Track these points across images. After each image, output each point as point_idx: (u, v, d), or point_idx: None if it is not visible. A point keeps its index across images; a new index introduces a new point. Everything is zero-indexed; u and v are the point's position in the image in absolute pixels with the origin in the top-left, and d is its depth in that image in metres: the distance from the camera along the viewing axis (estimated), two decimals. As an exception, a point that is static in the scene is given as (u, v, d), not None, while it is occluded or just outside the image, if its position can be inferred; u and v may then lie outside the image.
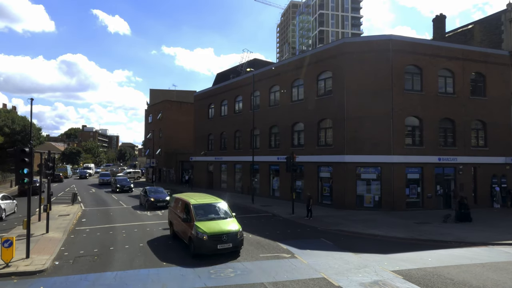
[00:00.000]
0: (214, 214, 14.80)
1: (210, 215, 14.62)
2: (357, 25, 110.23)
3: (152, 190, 28.43)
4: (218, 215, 14.73)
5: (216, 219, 14.41)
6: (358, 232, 17.92)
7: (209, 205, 15.17)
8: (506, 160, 27.78)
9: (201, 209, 14.67)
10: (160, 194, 27.50)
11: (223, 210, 15.20)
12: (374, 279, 11.17)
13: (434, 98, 25.80)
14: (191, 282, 11.16)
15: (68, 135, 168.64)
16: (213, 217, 14.49)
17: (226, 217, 14.67)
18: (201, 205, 14.95)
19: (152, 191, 27.99)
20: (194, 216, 14.16)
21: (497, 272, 11.95)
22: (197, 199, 15.56)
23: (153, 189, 28.86)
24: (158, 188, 29.42)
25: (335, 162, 25.81)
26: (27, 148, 13.40)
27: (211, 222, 14.02)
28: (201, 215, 14.35)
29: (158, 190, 28.58)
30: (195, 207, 14.65)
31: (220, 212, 14.99)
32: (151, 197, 26.74)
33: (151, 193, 27.59)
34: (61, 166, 75.88)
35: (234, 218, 14.84)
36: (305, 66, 28.94)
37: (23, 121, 56.57)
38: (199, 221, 13.89)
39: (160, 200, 26.47)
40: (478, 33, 31.86)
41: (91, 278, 11.51)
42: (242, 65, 50.98)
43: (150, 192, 27.81)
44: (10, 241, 12.36)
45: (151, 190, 28.19)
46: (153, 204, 26.18)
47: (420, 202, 25.19)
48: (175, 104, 58.95)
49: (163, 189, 29.91)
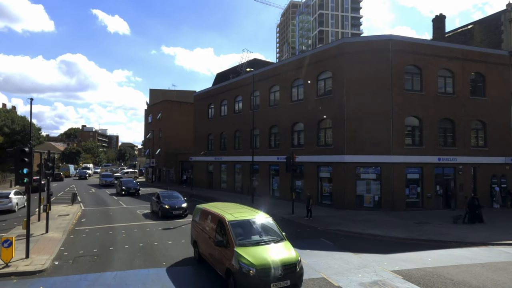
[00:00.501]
0: (260, 234, 11.01)
1: (255, 236, 10.88)
2: (357, 25, 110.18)
3: (166, 195, 24.36)
4: (265, 237, 10.95)
5: (263, 242, 10.59)
6: (358, 232, 17.92)
7: (251, 222, 11.35)
8: (506, 160, 27.78)
9: (240, 228, 10.95)
10: (175, 200, 23.51)
11: (270, 228, 11.36)
12: (374, 279, 11.17)
13: (434, 98, 25.80)
14: (191, 282, 11.14)
15: (67, 135, 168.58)
16: (260, 240, 10.69)
17: (276, 240, 10.83)
18: (240, 222, 11.15)
19: (166, 197, 23.89)
20: (233, 238, 10.38)
21: (497, 272, 11.95)
22: (233, 213, 11.74)
23: (167, 194, 24.84)
24: (173, 193, 25.12)
25: (335, 162, 25.81)
26: (26, 148, 13.40)
27: (257, 248, 10.22)
28: (242, 237, 10.61)
29: (173, 195, 24.45)
30: (233, 225, 10.85)
31: (267, 232, 11.19)
32: (165, 203, 22.80)
33: (165, 199, 23.51)
34: (63, 165, 79.78)
35: (287, 240, 11.02)
36: (305, 66, 28.93)
37: (22, 121, 56.61)
38: (241, 247, 10.15)
39: (176, 208, 22.54)
40: (478, 33, 31.87)
41: (90, 278, 11.50)
42: (242, 65, 50.97)
43: (164, 197, 23.71)
44: (10, 241, 12.35)
45: (165, 196, 24.13)
46: (168, 212, 22.26)
47: (420, 202, 25.19)
48: (175, 104, 58.94)
49: (179, 194, 25.38)
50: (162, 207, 22.71)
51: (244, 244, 10.33)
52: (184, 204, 23.18)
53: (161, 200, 23.37)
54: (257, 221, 11.48)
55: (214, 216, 11.95)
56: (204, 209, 13.36)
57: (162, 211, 22.55)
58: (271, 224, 11.48)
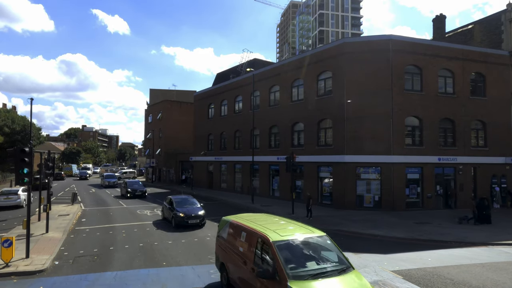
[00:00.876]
0: (317, 261, 8.17)
1: (310, 263, 8.04)
2: (357, 25, 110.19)
3: (179, 201, 21.09)
4: (325, 264, 8.13)
5: (325, 274, 7.70)
6: (358, 232, 17.93)
7: (304, 243, 8.52)
8: (506, 160, 27.78)
9: (290, 251, 8.16)
10: (191, 207, 20.42)
11: (330, 251, 8.55)
12: (374, 279, 11.17)
13: (434, 98, 25.80)
14: (191, 282, 11.16)
15: (68, 135, 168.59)
16: (320, 270, 7.81)
17: (341, 268, 8.00)
18: (290, 243, 8.33)
19: (180, 203, 20.72)
20: (283, 267, 7.62)
21: (497, 272, 11.96)
22: (277, 230, 8.89)
23: (180, 199, 21.56)
24: (187, 198, 21.92)
25: (335, 162, 25.81)
26: (27, 148, 13.42)
27: (319, 284, 7.40)
28: (295, 265, 7.81)
29: (188, 201, 21.32)
30: (280, 248, 8.09)
31: (326, 257, 8.40)
32: (179, 211, 19.62)
33: (179, 205, 20.38)
34: (66, 165, 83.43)
35: (355, 270, 8.17)
36: (305, 66, 28.94)
37: (23, 121, 56.64)
38: (296, 280, 7.41)
39: (192, 216, 19.46)
40: (478, 33, 31.86)
41: (91, 278, 11.52)
42: (242, 65, 50.99)
43: (177, 203, 20.53)
44: (10, 241, 12.37)
45: (178, 201, 20.90)
46: (183, 221, 19.20)
47: (420, 202, 25.19)
48: (175, 104, 58.97)
49: (195, 199, 22.20)
50: (176, 215, 19.52)
51: (300, 276, 7.49)
52: (201, 212, 20.08)
53: (174, 207, 20.16)
54: (311, 241, 8.58)
55: (252, 233, 9.13)
56: (234, 223, 10.41)
57: (177, 220, 19.38)
58: (330, 246, 8.57)
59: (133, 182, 36.78)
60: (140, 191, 34.63)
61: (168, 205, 21.40)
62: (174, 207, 20.27)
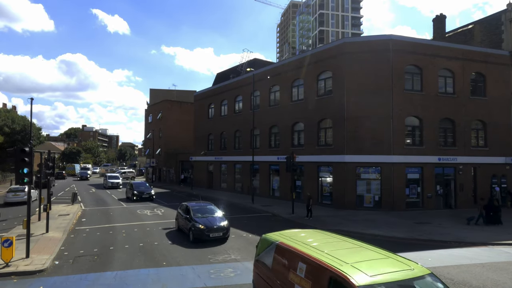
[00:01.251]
0: None
1: None
2: (357, 25, 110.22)
3: (198, 209, 17.83)
4: None
5: None
6: (358, 232, 17.91)
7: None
8: (506, 160, 27.77)
9: None
10: (212, 218, 17.01)
11: None
12: (374, 279, 11.16)
13: (434, 98, 25.79)
14: (191, 282, 11.17)
15: (68, 135, 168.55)
16: None
17: None
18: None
19: (198, 211, 17.49)
20: None
21: (497, 272, 11.95)
22: (359, 264, 6.20)
23: (199, 207, 18.15)
24: (206, 206, 18.42)
25: (335, 162, 25.81)
26: (27, 148, 13.41)
27: None
28: None
29: (208, 209, 18.01)
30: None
31: None
32: (198, 222, 16.33)
33: (197, 214, 17.19)
34: (70, 165, 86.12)
35: None
36: (305, 66, 28.94)
37: (23, 120, 56.60)
38: None
39: (214, 228, 16.07)
40: (478, 33, 31.85)
41: (91, 278, 11.52)
42: (242, 65, 51.01)
43: (195, 212, 17.33)
44: (10, 241, 12.37)
45: (197, 210, 17.65)
46: (203, 235, 15.88)
47: (420, 202, 25.19)
48: (175, 104, 59.01)
49: (214, 206, 18.78)
50: (195, 227, 16.17)
51: None
52: (224, 223, 16.70)
53: (192, 217, 16.88)
54: (416, 285, 5.83)
55: (317, 267, 6.46)
56: (285, 246, 7.65)
57: (195, 233, 16.03)
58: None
59: (139, 183, 34.54)
60: (148, 194, 32.44)
61: (184, 214, 17.89)
62: (192, 217, 16.87)
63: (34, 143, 54.08)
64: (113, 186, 44.33)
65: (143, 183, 34.89)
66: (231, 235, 17.43)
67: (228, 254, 14.22)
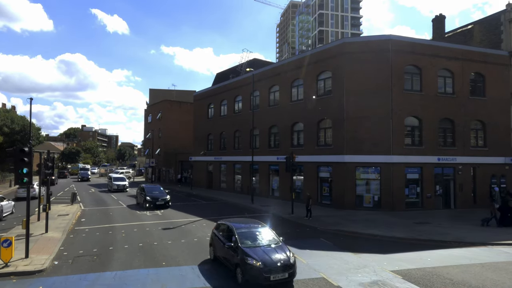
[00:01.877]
0: None
1: None
2: (357, 25, 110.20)
3: (246, 233, 12.08)
4: None
5: None
6: (357, 232, 17.93)
7: None
8: (505, 160, 27.79)
9: None
10: (271, 249, 11.33)
11: None
12: (373, 279, 11.18)
13: (433, 98, 25.81)
14: (191, 282, 11.16)
15: (67, 135, 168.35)
16: None
17: None
18: None
19: (247, 236, 11.91)
20: None
21: (496, 272, 11.97)
22: None
23: (246, 229, 12.35)
24: (257, 228, 12.56)
25: (334, 162, 25.81)
26: (26, 148, 13.41)
27: None
28: None
29: (260, 233, 12.24)
30: None
31: None
32: (252, 256, 10.77)
33: (246, 241, 11.60)
34: (73, 165, 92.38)
35: None
36: (305, 66, 28.94)
37: (22, 120, 56.55)
38: None
39: (276, 267, 10.52)
40: (477, 33, 31.88)
41: (90, 278, 11.51)
42: (241, 65, 51.01)
43: (243, 237, 11.73)
44: (9, 241, 12.36)
45: (244, 234, 11.96)
46: (260, 276, 10.37)
47: (420, 202, 25.20)
48: (174, 104, 59.00)
49: (269, 228, 12.81)
50: (247, 264, 10.62)
51: None
52: (288, 255, 11.00)
53: (240, 246, 11.22)
54: None
55: None
56: None
57: (248, 274, 10.56)
58: None
59: (152, 187, 28.89)
60: (163, 200, 26.53)
61: (224, 238, 12.32)
62: (238, 245, 11.22)
63: (33, 143, 54.00)
64: (119, 188, 40.27)
65: (157, 187, 29.27)
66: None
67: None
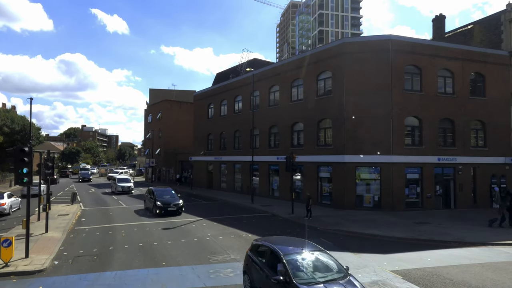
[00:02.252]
0: None
1: None
2: (357, 25, 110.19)
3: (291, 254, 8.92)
4: None
5: None
6: (357, 232, 17.93)
7: None
8: (506, 160, 27.79)
9: None
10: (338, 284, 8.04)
11: None
12: (373, 279, 11.17)
13: (433, 98, 25.80)
14: (191, 282, 11.16)
15: (67, 135, 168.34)
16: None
17: None
18: None
19: (296, 260, 8.79)
20: None
21: (496, 272, 11.96)
22: None
23: (301, 257, 8.95)
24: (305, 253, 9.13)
25: (334, 162, 25.81)
26: (26, 148, 13.41)
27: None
28: None
29: (309, 260, 8.93)
30: None
31: None
32: None
33: (300, 273, 8.37)
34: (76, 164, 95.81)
35: None
36: (305, 66, 28.93)
37: (22, 120, 56.55)
38: None
39: None
40: (477, 33, 31.88)
41: (90, 278, 11.51)
42: (241, 65, 51.01)
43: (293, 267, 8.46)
44: (9, 241, 12.36)
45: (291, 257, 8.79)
46: None
47: (420, 202, 25.19)
48: (174, 104, 59.02)
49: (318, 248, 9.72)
50: None
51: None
52: None
53: (293, 281, 8.06)
54: None
55: None
56: None
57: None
58: None
59: (162, 191, 25.47)
60: (175, 205, 23.48)
61: (264, 265, 9.40)
62: (292, 281, 8.07)
63: (33, 143, 53.98)
64: (123, 191, 38.14)
65: (168, 190, 25.77)
66: (230, 235, 17.44)
67: (228, 254, 14.21)
